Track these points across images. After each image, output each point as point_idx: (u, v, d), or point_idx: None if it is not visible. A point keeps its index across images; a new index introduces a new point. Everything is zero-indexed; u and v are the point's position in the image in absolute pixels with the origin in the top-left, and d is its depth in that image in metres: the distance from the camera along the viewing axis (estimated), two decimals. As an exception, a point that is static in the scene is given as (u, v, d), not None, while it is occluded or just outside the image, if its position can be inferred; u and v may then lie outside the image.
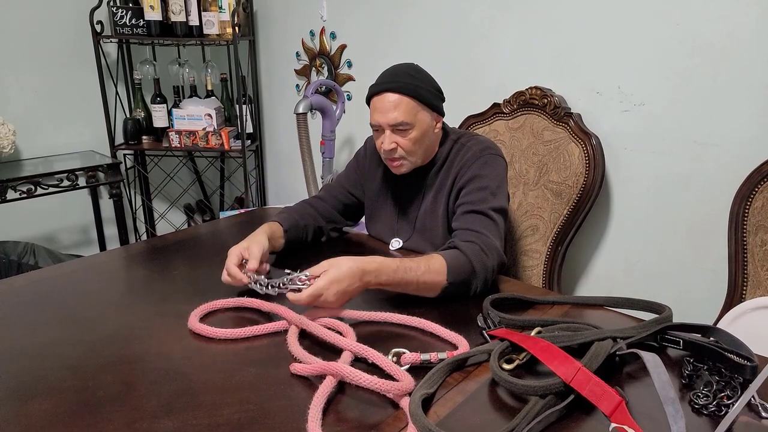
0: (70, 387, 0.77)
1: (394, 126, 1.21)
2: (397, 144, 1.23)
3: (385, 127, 1.22)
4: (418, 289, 1.04)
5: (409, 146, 1.23)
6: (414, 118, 1.21)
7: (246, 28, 2.62)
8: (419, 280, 1.03)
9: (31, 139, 2.44)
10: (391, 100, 1.20)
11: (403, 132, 1.21)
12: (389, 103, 1.20)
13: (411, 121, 1.21)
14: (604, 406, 0.69)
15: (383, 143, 1.23)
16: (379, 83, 1.24)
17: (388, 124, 1.21)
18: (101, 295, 1.07)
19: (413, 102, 1.21)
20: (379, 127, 1.23)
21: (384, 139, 1.23)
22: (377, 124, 1.23)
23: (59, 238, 2.66)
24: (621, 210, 1.62)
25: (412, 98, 1.21)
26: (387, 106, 1.21)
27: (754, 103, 1.33)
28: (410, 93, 1.20)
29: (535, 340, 0.81)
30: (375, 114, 1.23)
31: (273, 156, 2.92)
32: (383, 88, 1.22)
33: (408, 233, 1.35)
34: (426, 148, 1.27)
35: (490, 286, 1.11)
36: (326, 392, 0.74)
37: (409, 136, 1.22)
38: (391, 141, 1.22)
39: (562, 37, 1.64)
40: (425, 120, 1.23)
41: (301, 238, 1.33)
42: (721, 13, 1.34)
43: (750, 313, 1.18)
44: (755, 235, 1.27)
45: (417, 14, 2.03)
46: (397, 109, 1.20)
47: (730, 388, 0.73)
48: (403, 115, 1.20)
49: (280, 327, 0.92)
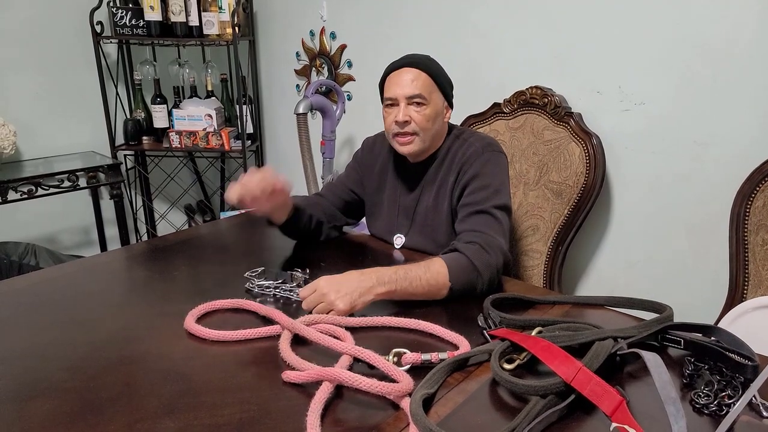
0: (71, 387, 0.77)
1: (410, 98, 1.23)
2: (410, 118, 1.24)
3: (401, 99, 1.23)
4: (424, 294, 1.04)
5: (422, 122, 1.24)
6: (429, 96, 1.24)
7: (246, 28, 2.62)
8: (423, 285, 1.03)
9: (31, 140, 2.44)
10: (410, 74, 1.24)
11: (418, 106, 1.23)
12: (408, 76, 1.23)
13: (427, 97, 1.23)
14: (605, 405, 0.69)
15: (398, 116, 1.23)
16: (397, 61, 1.27)
17: (404, 95, 1.23)
18: (102, 295, 1.07)
19: (430, 80, 1.24)
20: (395, 101, 1.24)
21: (399, 112, 1.23)
22: (393, 97, 1.24)
23: (60, 239, 2.66)
24: (622, 209, 1.62)
25: (430, 76, 1.24)
26: (405, 79, 1.23)
27: (755, 102, 1.32)
28: (428, 71, 1.24)
29: (535, 339, 0.81)
30: (392, 87, 1.25)
31: (273, 156, 2.92)
32: (402, 63, 1.26)
33: (406, 229, 1.35)
34: (434, 133, 1.28)
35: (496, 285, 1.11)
36: (323, 398, 0.73)
37: (423, 112, 1.24)
38: (406, 114, 1.23)
39: (562, 37, 1.64)
40: (438, 102, 1.26)
41: (303, 225, 1.33)
42: (721, 12, 1.34)
43: (751, 313, 1.18)
44: (756, 234, 1.27)
45: (417, 14, 2.03)
46: (415, 82, 1.23)
47: (731, 388, 0.73)
48: (420, 88, 1.23)
49: (273, 332, 0.91)
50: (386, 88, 1.27)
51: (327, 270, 1.18)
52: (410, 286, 1.02)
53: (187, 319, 0.93)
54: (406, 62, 1.25)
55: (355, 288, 0.98)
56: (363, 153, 1.45)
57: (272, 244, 1.41)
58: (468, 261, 1.08)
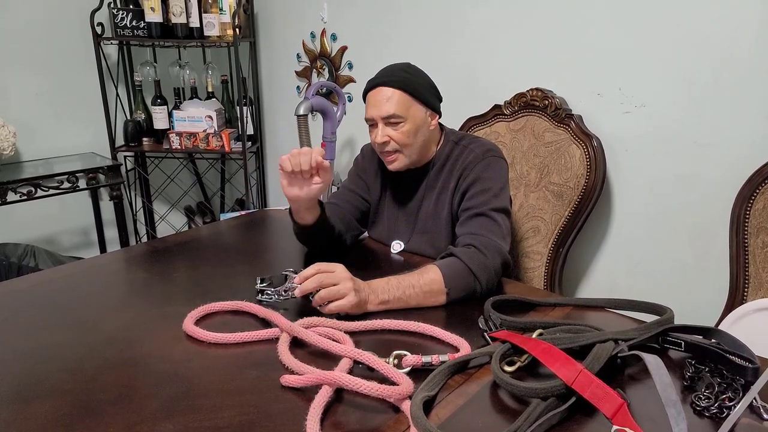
0: (70, 389, 0.76)
1: (386, 119, 1.23)
2: (389, 137, 1.24)
3: (378, 120, 1.24)
4: (419, 302, 1.03)
5: (401, 139, 1.24)
6: (406, 112, 1.23)
7: (246, 29, 2.62)
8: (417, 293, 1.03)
9: (31, 141, 2.44)
10: (384, 93, 1.23)
11: (395, 125, 1.23)
12: (382, 96, 1.23)
13: (403, 114, 1.23)
14: (606, 408, 0.69)
15: (376, 137, 1.25)
16: (374, 79, 1.27)
17: (380, 116, 1.23)
18: (102, 297, 1.07)
19: (406, 95, 1.23)
20: (373, 121, 1.25)
21: (377, 133, 1.24)
22: (370, 118, 1.25)
23: (59, 240, 2.66)
24: (622, 211, 1.62)
25: (405, 92, 1.23)
26: (380, 100, 1.23)
27: (755, 104, 1.32)
28: (403, 87, 1.23)
29: (536, 342, 0.80)
30: (369, 108, 1.26)
31: (274, 158, 2.92)
32: (376, 83, 1.25)
33: (407, 235, 1.34)
34: (421, 145, 1.28)
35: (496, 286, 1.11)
36: (323, 402, 0.72)
37: (401, 129, 1.23)
38: (384, 134, 1.24)
39: (563, 39, 1.64)
40: (418, 114, 1.25)
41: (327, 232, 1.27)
42: (722, 14, 1.34)
43: (751, 315, 1.18)
44: (756, 236, 1.27)
45: (418, 16, 2.03)
46: (389, 101, 1.22)
47: (732, 390, 0.73)
48: (394, 107, 1.22)
49: (272, 334, 0.91)
50: (366, 107, 1.27)
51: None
52: (404, 294, 1.02)
53: (186, 321, 0.93)
54: (379, 81, 1.24)
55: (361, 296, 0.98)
56: (363, 159, 1.45)
57: (272, 245, 1.41)
58: (463, 265, 1.07)
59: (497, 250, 1.12)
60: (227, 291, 1.07)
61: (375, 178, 1.41)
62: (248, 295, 1.05)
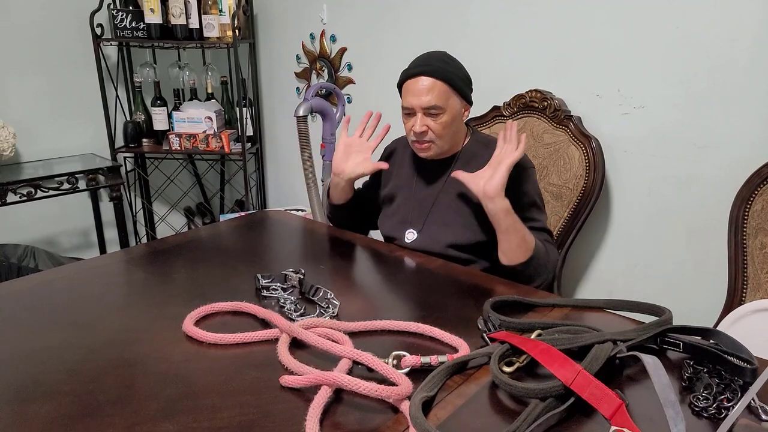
0: (70, 390, 0.77)
1: (426, 109, 1.25)
2: (428, 127, 1.26)
3: (418, 110, 1.25)
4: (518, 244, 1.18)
5: (439, 130, 1.27)
6: (446, 103, 1.25)
7: (246, 31, 2.63)
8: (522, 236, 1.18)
9: (31, 142, 2.45)
10: (424, 83, 1.24)
11: (434, 116, 1.26)
12: (423, 86, 1.24)
13: (443, 105, 1.25)
14: (605, 408, 0.69)
15: (414, 126, 1.26)
16: (413, 67, 1.28)
17: (421, 107, 1.25)
18: (101, 298, 1.07)
19: (446, 86, 1.25)
20: (412, 110, 1.27)
21: (416, 122, 1.26)
22: (410, 107, 1.27)
23: (59, 241, 2.66)
24: (621, 213, 1.62)
25: (445, 83, 1.25)
26: (420, 89, 1.24)
27: (754, 106, 1.33)
28: (443, 77, 1.25)
29: (535, 342, 0.81)
30: (408, 97, 1.27)
31: (273, 159, 2.92)
32: (417, 71, 1.26)
33: (420, 225, 1.36)
34: (453, 135, 1.31)
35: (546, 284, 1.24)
36: (322, 402, 0.73)
37: (440, 120, 1.26)
38: (423, 124, 1.26)
39: (562, 40, 1.65)
40: (455, 106, 1.28)
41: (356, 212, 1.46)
42: (721, 16, 1.34)
43: (750, 316, 1.18)
44: (755, 237, 1.27)
45: (417, 17, 2.03)
46: (431, 92, 1.24)
47: (730, 391, 0.73)
48: (436, 98, 1.24)
49: (271, 335, 0.91)
50: (403, 95, 1.29)
51: (326, 271, 1.18)
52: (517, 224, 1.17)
53: (185, 322, 0.93)
54: (420, 70, 1.26)
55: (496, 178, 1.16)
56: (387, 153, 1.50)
57: (272, 246, 1.41)
58: (545, 251, 1.21)
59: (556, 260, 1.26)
60: (227, 292, 1.07)
61: (403, 168, 1.43)
62: (248, 295, 1.05)
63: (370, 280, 1.19)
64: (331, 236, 1.44)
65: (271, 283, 1.09)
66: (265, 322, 0.96)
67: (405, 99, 1.28)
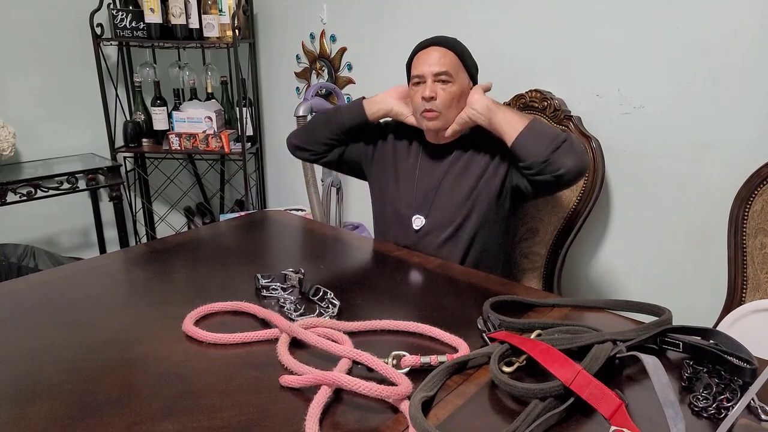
0: (69, 390, 0.77)
1: (437, 75, 1.28)
2: (436, 94, 1.29)
3: (428, 76, 1.29)
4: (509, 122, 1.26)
5: (447, 99, 1.29)
6: (456, 74, 1.30)
7: (246, 30, 2.62)
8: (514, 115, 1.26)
9: (31, 142, 2.44)
10: (438, 52, 1.30)
11: (444, 83, 1.29)
12: (436, 54, 1.29)
13: (453, 74, 1.29)
14: (604, 408, 0.69)
15: (425, 91, 1.29)
16: (426, 40, 1.33)
17: (432, 72, 1.28)
18: (101, 297, 1.07)
19: (457, 59, 1.30)
20: (422, 78, 1.30)
21: (426, 88, 1.29)
22: (421, 74, 1.30)
23: (59, 241, 2.66)
24: (621, 213, 1.62)
25: (457, 56, 1.30)
26: (433, 57, 1.29)
27: (754, 105, 1.33)
28: (455, 50, 1.31)
29: (534, 342, 0.81)
30: (419, 65, 1.31)
31: (273, 158, 2.92)
32: (431, 42, 1.32)
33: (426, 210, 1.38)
34: (459, 113, 1.33)
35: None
36: (322, 402, 0.73)
37: (449, 90, 1.29)
38: (432, 90, 1.28)
39: (562, 40, 1.65)
40: (464, 81, 1.32)
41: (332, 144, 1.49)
42: (721, 16, 1.34)
43: (749, 316, 1.18)
44: (755, 237, 1.28)
45: (417, 17, 2.03)
46: (442, 59, 1.29)
47: (730, 391, 0.73)
48: (447, 65, 1.28)
49: (271, 335, 0.91)
50: (414, 66, 1.33)
51: (326, 271, 1.18)
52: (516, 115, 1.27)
53: (185, 322, 0.93)
54: (434, 41, 1.31)
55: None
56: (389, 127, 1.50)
57: (272, 246, 1.41)
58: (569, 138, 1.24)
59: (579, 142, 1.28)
60: (227, 291, 1.07)
61: (405, 153, 1.45)
62: (248, 295, 1.05)
63: (370, 280, 1.19)
64: (331, 236, 1.44)
65: (271, 282, 1.09)
66: (264, 322, 0.96)
67: (415, 68, 1.32)
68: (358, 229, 2.14)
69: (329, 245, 1.39)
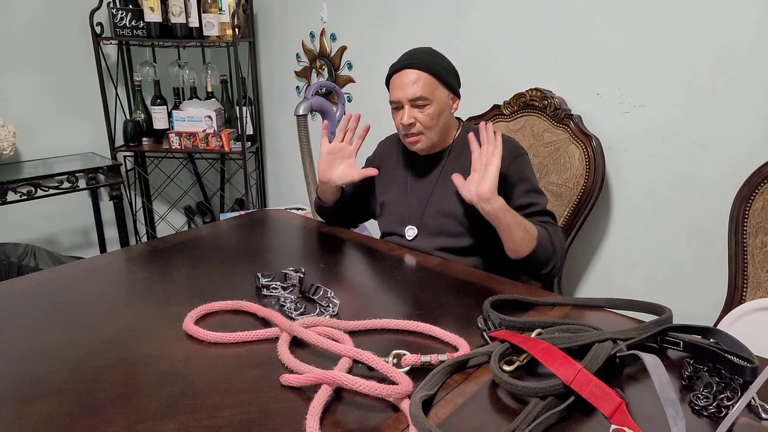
0: (70, 389, 0.77)
1: (413, 101, 1.26)
2: (415, 119, 1.27)
3: (405, 102, 1.27)
4: (520, 237, 1.18)
5: (427, 121, 1.27)
6: (432, 94, 1.27)
7: (246, 29, 2.62)
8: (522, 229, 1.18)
9: (31, 141, 2.44)
10: (410, 76, 1.26)
11: (421, 107, 1.27)
12: (408, 79, 1.26)
13: (429, 97, 1.26)
14: (605, 407, 0.69)
15: (402, 119, 1.28)
16: (398, 62, 1.30)
17: (407, 98, 1.26)
18: (102, 297, 1.07)
19: (431, 78, 1.27)
20: (399, 103, 1.28)
21: (403, 115, 1.28)
22: (397, 100, 1.28)
23: (59, 240, 2.66)
24: (621, 212, 1.62)
25: (430, 74, 1.27)
26: (406, 82, 1.26)
27: (754, 104, 1.33)
28: (428, 70, 1.27)
29: (535, 341, 0.81)
30: (395, 90, 1.29)
31: (273, 158, 2.92)
32: (403, 65, 1.28)
33: (418, 220, 1.36)
34: (442, 127, 1.32)
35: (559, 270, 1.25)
36: (322, 401, 0.73)
37: (427, 112, 1.27)
38: (411, 116, 1.27)
39: (562, 39, 1.65)
40: (442, 97, 1.29)
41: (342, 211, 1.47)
42: (721, 15, 1.34)
43: (750, 315, 1.18)
44: (755, 236, 1.27)
45: (417, 16, 2.03)
46: (416, 84, 1.26)
47: (731, 390, 0.73)
48: (421, 89, 1.26)
49: (272, 334, 0.91)
50: (390, 89, 1.31)
51: (326, 270, 1.18)
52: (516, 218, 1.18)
53: (186, 321, 0.93)
54: (406, 64, 1.28)
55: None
56: (374, 156, 1.50)
57: (272, 245, 1.41)
58: (548, 235, 1.21)
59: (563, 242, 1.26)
60: (227, 290, 1.07)
61: (395, 167, 1.44)
62: (248, 294, 1.05)
63: (370, 279, 1.19)
64: (332, 235, 1.44)
65: (272, 281, 1.09)
66: (265, 320, 0.96)
67: (392, 93, 1.30)
68: (358, 228, 2.14)
69: (329, 244, 1.39)
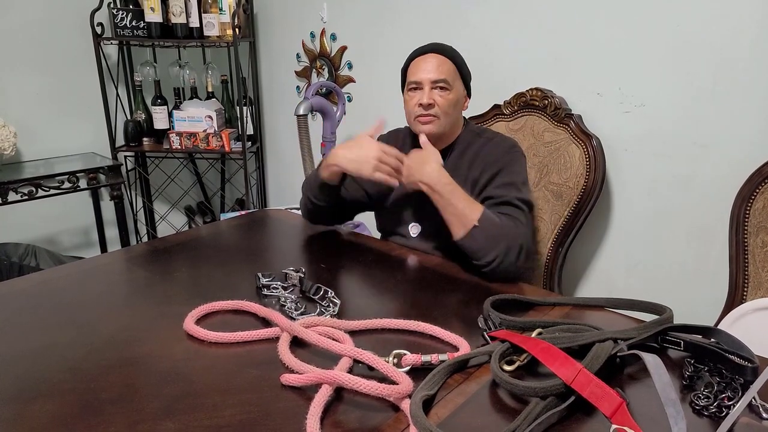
0: (71, 389, 0.77)
1: (435, 82, 1.27)
2: (434, 101, 1.28)
3: (426, 83, 1.28)
4: (455, 214, 1.16)
5: (445, 105, 1.29)
6: (453, 82, 1.29)
7: (246, 29, 2.62)
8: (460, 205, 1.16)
9: (32, 141, 2.45)
10: (436, 59, 1.29)
11: (442, 90, 1.28)
12: (434, 61, 1.29)
13: (451, 83, 1.29)
14: (605, 407, 0.69)
15: (422, 98, 1.28)
16: (423, 47, 1.32)
17: (430, 80, 1.28)
18: (102, 297, 1.07)
19: (454, 68, 1.30)
20: (419, 84, 1.29)
21: (423, 95, 1.28)
22: (419, 80, 1.28)
23: (60, 240, 2.66)
24: (621, 211, 1.62)
25: (454, 64, 1.30)
26: (431, 64, 1.28)
27: (755, 104, 1.33)
28: (453, 59, 1.30)
29: (535, 341, 0.81)
30: (417, 72, 1.29)
31: (273, 157, 2.92)
32: (429, 49, 1.31)
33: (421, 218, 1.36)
34: (454, 120, 1.33)
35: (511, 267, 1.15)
36: (323, 400, 0.73)
37: (446, 97, 1.28)
38: (430, 97, 1.28)
39: (562, 39, 1.65)
40: (459, 89, 1.32)
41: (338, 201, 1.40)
42: (721, 14, 1.34)
43: (751, 315, 1.18)
44: (756, 236, 1.27)
45: (417, 16, 2.03)
46: (440, 67, 1.28)
47: (731, 390, 0.73)
48: (445, 73, 1.28)
49: (272, 334, 0.91)
50: (410, 72, 1.32)
51: (327, 270, 1.18)
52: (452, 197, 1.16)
53: (186, 321, 0.93)
54: (432, 48, 1.30)
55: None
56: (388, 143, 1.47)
57: (272, 245, 1.41)
58: (499, 223, 1.17)
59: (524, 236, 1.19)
60: (228, 290, 1.07)
61: None
62: (249, 294, 1.05)
63: (371, 279, 1.19)
64: (332, 235, 1.44)
65: (272, 281, 1.09)
66: (265, 320, 0.96)
67: (413, 74, 1.30)
68: (359, 228, 2.14)
69: (330, 244, 1.39)
